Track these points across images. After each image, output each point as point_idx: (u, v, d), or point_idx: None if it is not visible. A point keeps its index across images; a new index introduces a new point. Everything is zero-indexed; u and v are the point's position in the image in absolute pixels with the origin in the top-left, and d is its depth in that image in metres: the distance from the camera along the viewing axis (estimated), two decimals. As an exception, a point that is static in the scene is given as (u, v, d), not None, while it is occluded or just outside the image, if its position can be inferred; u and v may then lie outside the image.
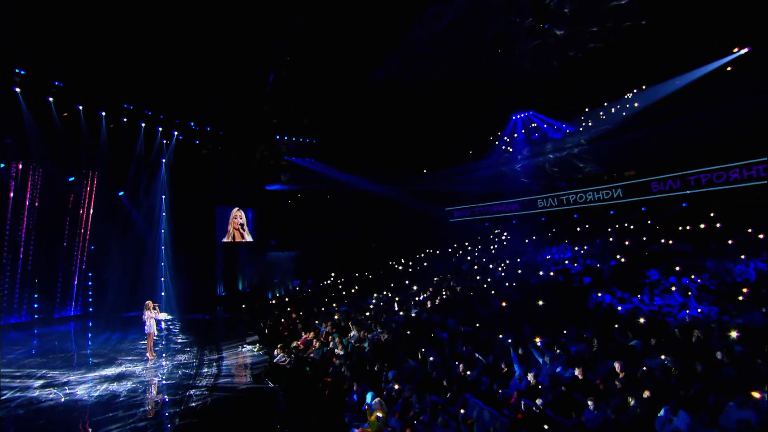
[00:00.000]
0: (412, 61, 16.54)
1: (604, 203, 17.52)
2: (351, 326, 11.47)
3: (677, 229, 14.62)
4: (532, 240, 19.04)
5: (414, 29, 14.59)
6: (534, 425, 5.57)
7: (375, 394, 6.82)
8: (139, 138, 17.86)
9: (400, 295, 15.20)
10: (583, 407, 5.78)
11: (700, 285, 10.24)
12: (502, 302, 11.55)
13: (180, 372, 10.15)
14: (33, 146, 15.14)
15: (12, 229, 15.22)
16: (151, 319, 11.32)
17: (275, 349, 11.20)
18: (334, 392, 7.91)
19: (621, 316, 9.19)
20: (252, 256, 22.43)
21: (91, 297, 17.51)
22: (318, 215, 23.68)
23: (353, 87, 18.40)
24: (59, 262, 16.66)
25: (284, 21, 14.21)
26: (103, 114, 16.61)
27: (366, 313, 13.29)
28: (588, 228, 18.00)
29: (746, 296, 9.03)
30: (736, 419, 4.76)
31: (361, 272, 21.20)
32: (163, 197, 19.01)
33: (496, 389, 6.62)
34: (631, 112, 16.45)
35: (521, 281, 13.81)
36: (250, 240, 22.28)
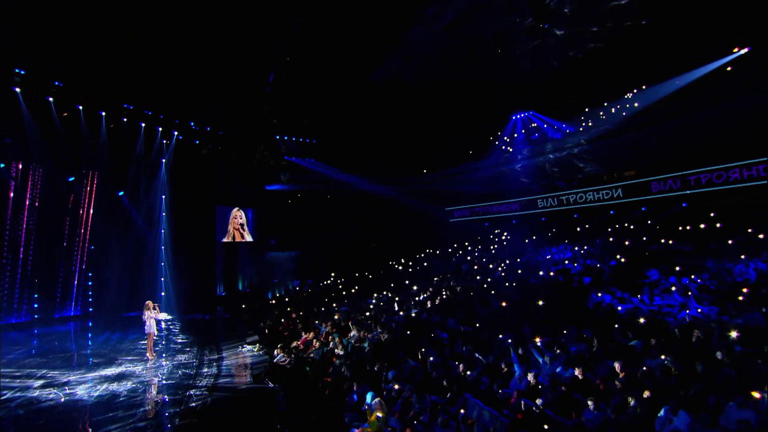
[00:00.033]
0: (412, 61, 16.53)
1: (604, 203, 17.53)
2: (351, 326, 11.47)
3: (677, 229, 14.61)
4: (532, 240, 19.04)
5: (414, 29, 14.59)
6: (534, 425, 5.57)
7: (375, 394, 6.82)
8: (139, 138, 17.86)
9: (400, 295, 15.21)
10: (583, 407, 5.78)
11: (700, 285, 10.25)
12: (502, 302, 11.55)
13: (180, 372, 10.16)
14: (33, 146, 15.15)
15: (12, 229, 15.22)
16: (151, 319, 11.33)
17: (275, 349, 11.20)
18: (334, 392, 7.92)
19: (621, 316, 9.19)
20: (252, 256, 22.44)
21: (91, 297, 17.51)
22: (318, 215, 23.68)
23: (353, 87, 18.39)
24: (59, 262, 16.67)
25: (284, 21, 14.21)
26: (103, 114, 16.61)
27: (366, 313, 13.29)
28: (588, 228, 18.00)
29: (746, 296, 9.03)
30: (736, 419, 4.76)
31: (361, 272, 21.21)
32: (163, 197, 19.01)
33: (496, 389, 6.62)
34: (631, 112, 16.45)
35: (521, 281, 13.81)
36: (250, 240, 22.29)
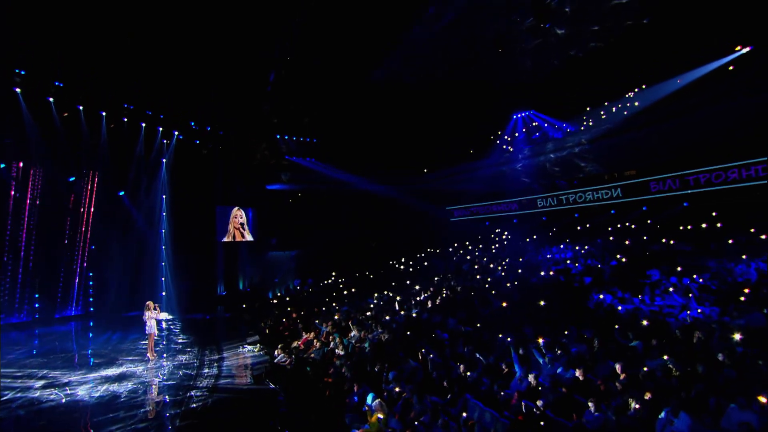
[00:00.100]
0: (412, 61, 16.50)
1: (603, 203, 17.53)
2: (351, 326, 11.47)
3: (677, 229, 14.60)
4: (533, 239, 19.03)
5: (414, 29, 14.55)
6: (535, 427, 5.56)
7: (375, 395, 6.82)
8: (140, 138, 17.86)
9: (401, 295, 15.20)
10: (584, 408, 5.77)
11: (701, 285, 10.24)
12: (503, 302, 11.54)
13: (181, 372, 10.16)
14: (33, 146, 15.15)
15: (13, 229, 15.24)
16: (152, 320, 11.34)
17: (276, 350, 11.20)
18: (335, 393, 7.92)
19: (622, 317, 9.19)
20: (252, 256, 22.43)
21: (92, 297, 17.53)
22: (318, 215, 23.65)
23: (353, 87, 18.35)
24: (60, 262, 16.69)
25: (284, 21, 14.19)
26: (104, 114, 16.61)
27: (366, 313, 13.28)
28: (589, 227, 17.99)
29: (747, 297, 9.02)
30: (738, 421, 4.74)
31: (362, 272, 21.19)
32: (164, 197, 19.00)
33: (497, 390, 6.61)
34: (632, 112, 16.42)
35: (522, 281, 13.80)
36: (251, 239, 22.29)
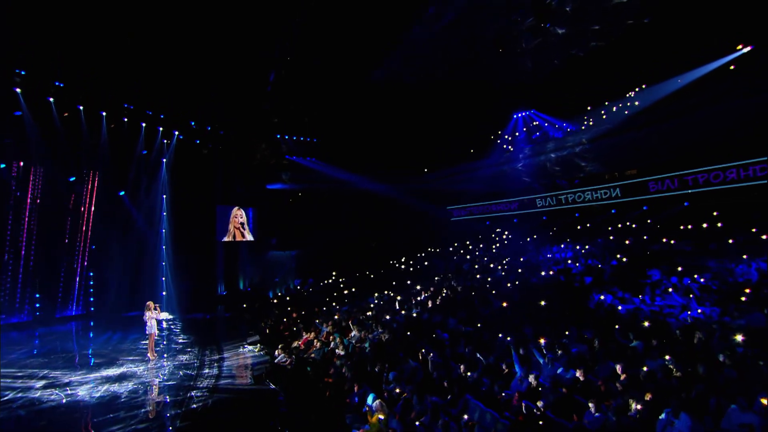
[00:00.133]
0: (412, 61, 16.47)
1: (602, 203, 17.56)
2: (352, 326, 11.47)
3: (678, 229, 14.60)
4: (533, 239, 19.02)
5: (414, 29, 14.53)
6: (535, 427, 5.56)
7: (376, 396, 6.82)
8: (140, 138, 17.87)
9: (401, 295, 15.19)
10: (585, 409, 5.77)
11: (702, 285, 10.23)
12: (503, 302, 11.53)
13: (181, 373, 10.16)
14: (33, 146, 15.16)
15: (13, 229, 15.25)
16: (152, 320, 11.35)
17: (276, 350, 11.19)
18: (335, 393, 7.92)
19: (622, 317, 9.18)
20: (253, 256, 22.45)
21: (92, 297, 17.55)
22: (318, 214, 23.65)
23: (353, 87, 18.34)
24: (60, 262, 16.71)
25: (284, 21, 14.17)
26: (104, 114, 16.62)
27: (367, 313, 13.28)
28: (589, 227, 17.99)
29: (748, 297, 9.01)
30: (738, 423, 4.74)
31: (362, 272, 21.20)
32: (164, 197, 19.01)
33: (497, 391, 6.61)
34: (633, 111, 16.42)
35: (522, 281, 13.80)
36: (251, 239, 22.29)
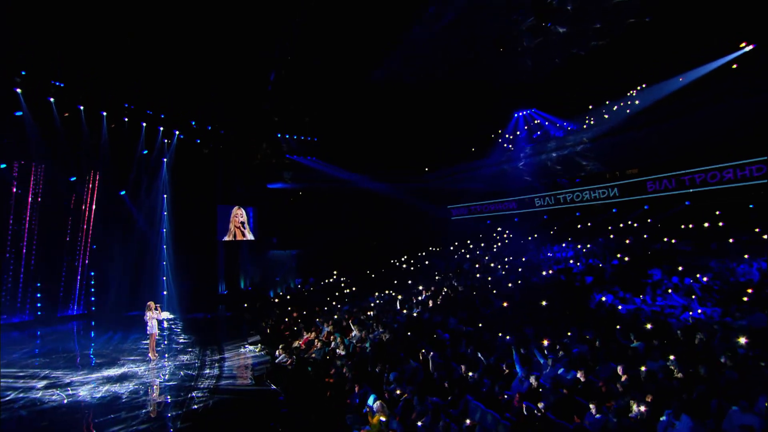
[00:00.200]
0: (412, 61, 16.44)
1: (600, 202, 17.59)
2: (352, 326, 11.48)
3: (678, 229, 14.61)
4: (534, 238, 19.02)
5: (414, 29, 14.49)
6: (536, 429, 5.56)
7: (377, 397, 6.82)
8: (141, 137, 17.87)
9: (402, 295, 15.20)
10: (585, 410, 5.76)
11: (703, 285, 10.21)
12: (504, 302, 11.53)
13: (182, 373, 10.18)
14: (33, 146, 15.17)
15: (14, 229, 15.28)
16: (153, 320, 11.38)
17: (277, 350, 11.22)
18: (336, 393, 7.93)
19: (623, 317, 9.17)
20: (253, 255, 22.46)
21: (94, 296, 17.59)
22: (319, 214, 23.65)
23: (353, 86, 18.31)
24: (62, 262, 16.75)
25: (284, 21, 14.15)
26: (104, 114, 16.62)
27: (368, 313, 13.29)
28: (590, 226, 17.99)
29: (750, 297, 8.99)
30: (739, 424, 4.73)
31: (363, 271, 21.21)
32: (165, 196, 19.02)
33: (498, 391, 6.61)
34: (634, 111, 16.39)
35: (523, 280, 13.79)
36: (251, 238, 22.31)
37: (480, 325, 10.07)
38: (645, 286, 10.87)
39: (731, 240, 12.58)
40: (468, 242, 21.71)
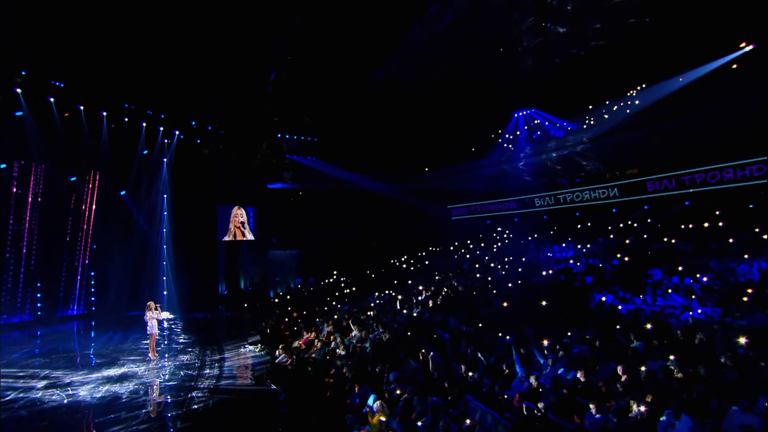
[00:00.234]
0: (412, 61, 16.44)
1: (600, 202, 17.60)
2: (352, 326, 11.49)
3: (678, 229, 14.61)
4: (534, 238, 19.02)
5: (414, 29, 14.49)
6: (536, 429, 5.56)
7: (377, 397, 6.82)
8: (141, 137, 17.88)
9: (402, 295, 15.20)
10: (585, 410, 5.77)
11: (703, 285, 10.21)
12: (504, 302, 11.53)
13: (182, 373, 10.18)
14: (33, 146, 15.18)
15: (14, 229, 15.29)
16: (153, 320, 11.38)
17: (277, 350, 11.22)
18: (336, 393, 7.93)
19: (623, 317, 9.17)
20: (253, 255, 22.47)
21: (94, 296, 17.60)
22: (319, 213, 23.65)
23: (353, 86, 18.32)
24: (62, 262, 16.76)
25: (284, 21, 14.16)
26: (104, 114, 16.63)
27: (368, 313, 13.29)
28: (590, 226, 18.00)
29: (750, 297, 8.99)
30: (739, 424, 4.73)
31: (363, 271, 21.22)
32: (165, 196, 19.03)
33: (498, 391, 6.61)
34: (634, 111, 16.40)
35: (523, 280, 13.79)
36: (251, 238, 22.32)
37: (480, 325, 10.07)
38: (645, 286, 10.88)
39: (731, 240, 12.60)
40: (468, 242, 21.71)
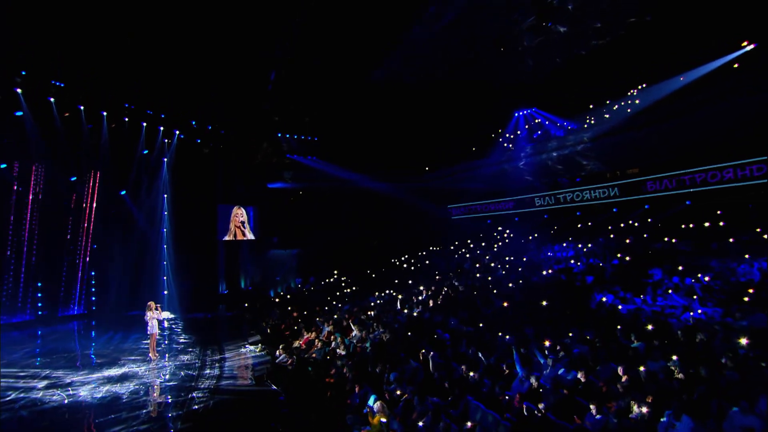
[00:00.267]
0: (412, 61, 16.44)
1: (601, 202, 17.61)
2: (353, 326, 11.49)
3: (679, 228, 14.58)
4: (535, 238, 19.02)
5: (414, 29, 14.49)
6: (536, 429, 5.56)
7: (377, 397, 6.82)
8: (141, 137, 17.90)
9: (402, 294, 15.20)
10: (586, 411, 5.76)
11: (704, 285, 10.19)
12: (504, 302, 11.52)
13: (183, 373, 10.18)
14: (33, 146, 15.18)
15: (15, 229, 15.31)
16: (154, 320, 11.39)
17: (277, 350, 11.22)
18: (336, 393, 7.93)
19: (623, 317, 9.16)
20: (254, 255, 22.49)
21: (94, 296, 17.61)
22: (319, 213, 23.67)
23: (354, 86, 18.31)
24: (62, 262, 16.78)
25: (284, 21, 14.15)
26: (105, 114, 16.63)
27: (368, 313, 13.29)
28: (591, 226, 17.99)
29: (751, 297, 8.97)
30: (740, 425, 4.73)
31: (363, 271, 21.22)
32: (165, 196, 19.03)
33: (498, 392, 6.61)
34: (634, 110, 16.40)
35: (523, 280, 13.78)
36: (252, 238, 22.32)
37: (480, 325, 10.06)
38: (645, 286, 10.86)
39: (732, 240, 12.58)
40: (468, 242, 21.71)
